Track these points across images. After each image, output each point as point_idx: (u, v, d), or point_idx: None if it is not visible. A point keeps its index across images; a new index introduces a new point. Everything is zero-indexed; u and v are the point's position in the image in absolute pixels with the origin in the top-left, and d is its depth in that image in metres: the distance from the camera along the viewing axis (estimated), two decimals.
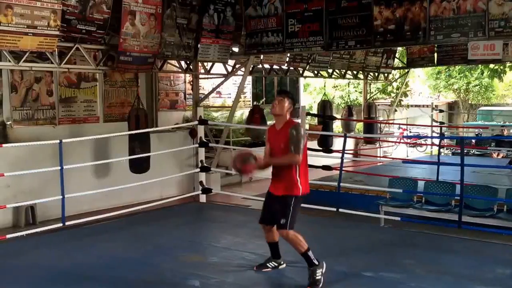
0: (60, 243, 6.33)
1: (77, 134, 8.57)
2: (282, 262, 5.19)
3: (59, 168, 6.60)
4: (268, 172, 4.88)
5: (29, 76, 8.47)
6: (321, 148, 10.96)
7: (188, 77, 11.45)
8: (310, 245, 4.73)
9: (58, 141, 6.82)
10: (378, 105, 17.49)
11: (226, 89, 12.67)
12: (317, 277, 4.62)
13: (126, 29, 8.04)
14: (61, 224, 6.71)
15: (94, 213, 7.73)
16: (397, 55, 15.45)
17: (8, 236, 6.34)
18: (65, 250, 6.01)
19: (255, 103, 13.61)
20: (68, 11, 7.30)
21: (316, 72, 13.61)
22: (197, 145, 9.09)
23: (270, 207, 4.86)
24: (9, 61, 7.17)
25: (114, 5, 7.86)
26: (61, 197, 6.65)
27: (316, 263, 4.66)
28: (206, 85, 11.90)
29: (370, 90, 17.48)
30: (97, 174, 9.04)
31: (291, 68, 12.54)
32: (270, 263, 5.21)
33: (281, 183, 4.70)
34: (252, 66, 11.07)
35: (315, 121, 14.45)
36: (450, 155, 15.50)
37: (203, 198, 8.85)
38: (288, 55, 11.51)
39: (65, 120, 9.06)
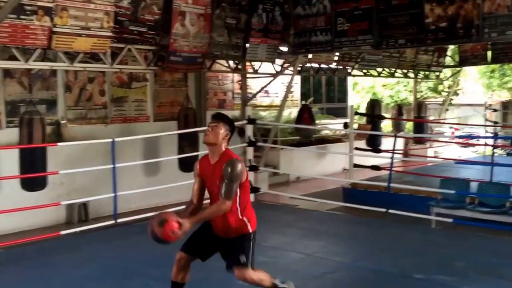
0: (112, 240, 6.49)
1: (128, 133, 8.76)
2: None
3: (112, 166, 6.77)
4: (310, 170, 4.74)
5: (82, 76, 8.73)
6: (369, 148, 10.80)
7: (236, 77, 11.51)
8: (360, 246, 4.64)
9: (110, 140, 7.00)
10: (429, 104, 17.04)
11: (273, 88, 12.65)
12: None
13: (176, 29, 8.15)
14: (113, 221, 6.89)
15: (143, 211, 7.87)
16: (448, 53, 15.01)
17: (62, 232, 6.57)
18: (117, 246, 6.15)
19: (303, 102, 13.54)
20: (120, 12, 7.47)
21: (365, 71, 13.39)
22: (246, 144, 9.13)
23: (211, 241, 3.94)
24: (64, 61, 7.40)
25: (165, 6, 7.98)
26: (113, 194, 6.82)
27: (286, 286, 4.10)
28: (254, 84, 11.92)
29: (420, 89, 17.03)
30: (146, 172, 9.21)
31: (340, 67, 12.40)
32: None
33: (224, 224, 3.84)
34: (300, 65, 11.01)
35: (363, 120, 14.23)
36: (505, 155, 14.92)
37: (251, 197, 8.87)
38: (337, 54, 11.38)
39: (117, 119, 9.29)
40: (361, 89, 18.73)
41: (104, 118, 9.09)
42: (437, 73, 15.42)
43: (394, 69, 13.87)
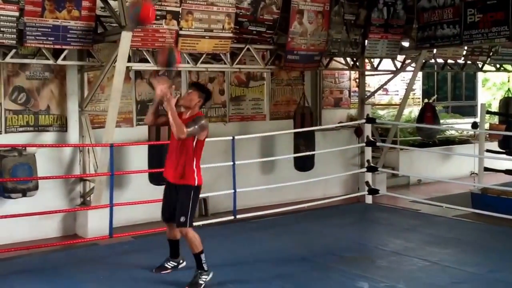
0: (232, 235, 6.66)
1: (245, 131, 8.93)
2: (181, 261, 5.11)
3: (231, 163, 6.95)
4: (433, 173, 4.44)
5: (204, 76, 9.05)
6: (503, 151, 9.99)
7: (353, 74, 11.27)
8: (494, 257, 4.28)
9: (231, 137, 7.19)
10: None
11: (393, 86, 12.18)
12: (200, 281, 4.61)
13: (294, 28, 8.15)
14: (232, 217, 7.07)
15: (259, 208, 8.01)
16: None
17: None
18: (236, 242, 6.30)
19: (425, 100, 12.90)
20: (241, 13, 7.63)
21: (498, 65, 12.39)
22: (364, 144, 8.90)
23: (169, 200, 4.79)
24: (188, 62, 7.72)
25: (283, 5, 8.02)
26: (232, 191, 6.99)
27: (206, 268, 4.64)
28: (372, 82, 11.58)
29: None
30: (263, 170, 9.33)
31: (468, 62, 11.61)
32: (169, 263, 5.11)
33: (177, 170, 4.67)
34: (423, 61, 10.48)
35: (495, 119, 13.21)
36: None
37: (369, 199, 8.64)
38: (466, 48, 10.68)
39: (235, 117, 9.51)
40: (492, 85, 17.39)
41: (223, 117, 9.36)
42: None
43: None
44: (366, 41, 9.13)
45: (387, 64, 10.34)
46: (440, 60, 11.14)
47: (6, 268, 5.48)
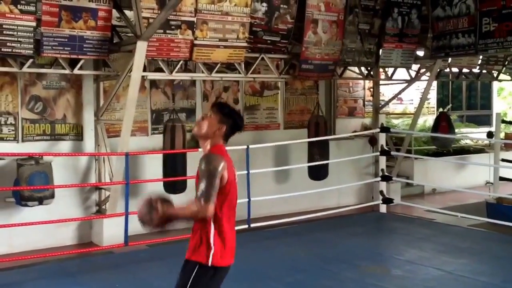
0: (246, 243, 6.61)
1: (259, 140, 8.95)
2: None
3: (246, 172, 6.97)
4: (448, 182, 4.40)
5: (218, 85, 9.10)
6: None
7: (368, 84, 11.26)
8: (510, 267, 4.24)
9: (245, 146, 7.22)
10: None
11: (407, 95, 12.13)
12: None
13: (309, 37, 8.18)
14: (246, 226, 7.07)
15: (273, 217, 8.00)
16: None
17: None
18: (251, 250, 6.29)
19: (440, 109, 12.82)
20: (255, 23, 7.68)
21: None
22: (378, 153, 8.87)
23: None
24: (203, 72, 7.78)
25: (298, 15, 8.06)
26: (247, 200, 7.00)
27: None
28: (386, 91, 11.56)
29: None
30: (277, 179, 9.33)
31: (484, 71, 11.54)
32: None
33: (192, 239, 3.11)
34: (438, 70, 10.44)
35: (511, 129, 13.09)
36: None
37: (383, 208, 8.60)
38: (481, 57, 10.62)
39: (249, 126, 9.53)
40: (507, 94, 17.23)
41: None
42: None
43: None
44: (380, 50, 9.12)
45: (401, 73, 10.32)
46: (455, 69, 11.10)
47: (23, 275, 5.55)
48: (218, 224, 3.02)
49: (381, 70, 10.13)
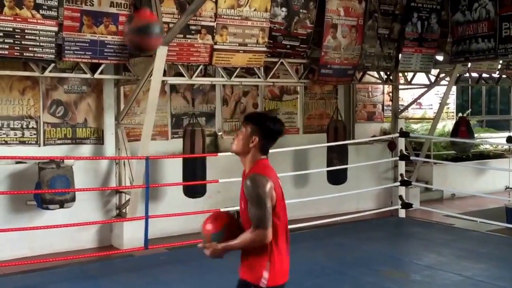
0: None
1: (279, 145, 8.81)
2: None
3: None
4: (467, 187, 4.35)
5: (238, 90, 9.15)
6: None
7: (387, 88, 11.21)
8: None
9: None
10: None
11: (427, 99, 12.06)
12: None
13: (328, 42, 8.19)
14: None
15: (292, 221, 7.93)
16: None
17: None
18: None
19: (460, 114, 12.71)
20: (275, 28, 7.70)
21: None
22: (397, 158, 8.83)
23: None
24: (222, 76, 7.82)
25: (317, 20, 8.07)
26: None
27: None
28: (405, 96, 11.50)
29: None
30: (296, 184, 9.32)
31: (503, 76, 11.42)
32: None
33: (244, 261, 2.98)
34: (457, 75, 10.36)
35: None
36: None
37: (402, 213, 8.56)
38: (501, 62, 10.52)
39: None
40: None
41: None
42: None
43: None
44: (400, 55, 9.08)
45: (421, 78, 10.27)
46: (474, 74, 11.00)
47: (45, 277, 5.63)
48: (272, 245, 2.89)
49: (400, 74, 10.09)
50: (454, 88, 12.27)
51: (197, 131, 7.59)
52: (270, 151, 3.04)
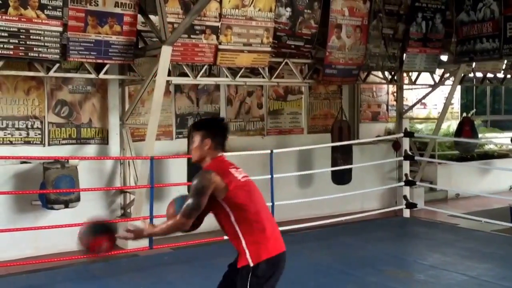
0: None
1: (283, 145, 8.95)
2: None
3: (269, 176, 6.98)
4: (472, 187, 4.36)
5: (242, 90, 9.15)
6: None
7: (391, 88, 11.19)
8: None
9: (269, 151, 7.23)
10: None
11: (431, 99, 12.05)
12: None
13: (332, 42, 8.19)
14: None
15: (296, 221, 7.99)
16: None
17: (225, 237, 6.91)
18: None
19: (464, 114, 12.69)
20: (279, 28, 7.71)
21: None
22: (401, 158, 8.82)
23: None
24: (227, 76, 7.83)
25: (321, 20, 8.06)
26: (270, 204, 7.01)
27: None
28: (410, 96, 11.49)
29: None
30: (300, 183, 9.32)
31: (508, 76, 11.39)
32: None
33: (238, 254, 3.17)
34: (462, 75, 10.35)
35: None
36: None
37: (406, 213, 8.55)
38: (505, 62, 10.50)
39: (273, 131, 9.56)
40: None
41: (261, 130, 9.41)
42: None
43: None
44: (404, 55, 9.08)
45: (425, 78, 10.25)
46: (479, 74, 10.97)
47: (50, 277, 5.64)
48: (244, 226, 3.06)
49: (404, 74, 10.08)
50: (458, 88, 12.24)
51: None
52: (275, 151, 3.22)
